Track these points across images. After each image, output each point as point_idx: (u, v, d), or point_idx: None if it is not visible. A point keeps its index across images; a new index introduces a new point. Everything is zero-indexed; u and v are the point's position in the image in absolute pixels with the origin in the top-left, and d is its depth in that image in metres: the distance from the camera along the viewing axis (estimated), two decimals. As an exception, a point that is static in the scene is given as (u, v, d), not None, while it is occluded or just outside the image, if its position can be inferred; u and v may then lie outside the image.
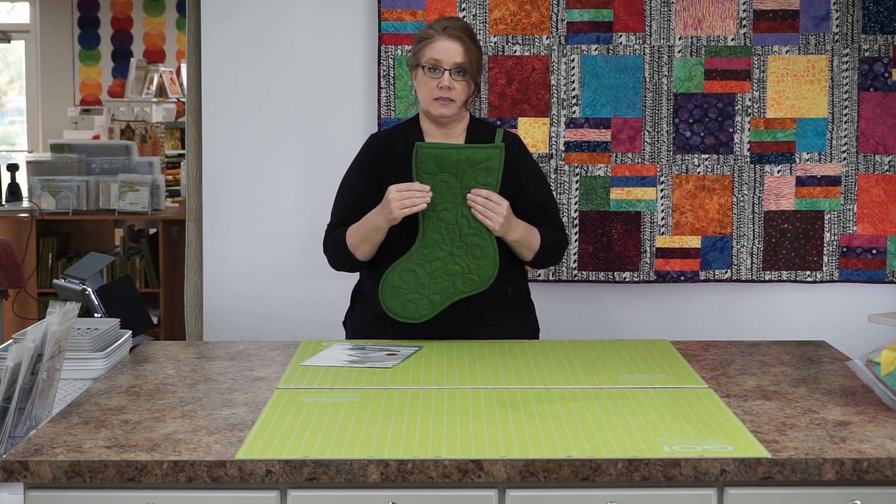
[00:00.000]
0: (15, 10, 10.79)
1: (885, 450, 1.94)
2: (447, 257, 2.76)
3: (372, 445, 1.95)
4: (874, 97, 3.69)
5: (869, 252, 3.73)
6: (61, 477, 1.89)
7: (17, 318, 5.53)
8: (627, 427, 2.06)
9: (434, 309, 2.77)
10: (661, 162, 3.71)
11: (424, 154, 2.72)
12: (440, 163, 2.71)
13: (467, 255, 2.76)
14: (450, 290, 2.77)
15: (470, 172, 2.72)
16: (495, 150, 2.73)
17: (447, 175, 2.72)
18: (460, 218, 2.75)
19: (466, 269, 2.77)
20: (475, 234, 2.75)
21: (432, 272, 2.77)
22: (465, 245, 2.76)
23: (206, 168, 3.82)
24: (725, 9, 3.67)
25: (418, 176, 2.72)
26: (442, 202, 2.74)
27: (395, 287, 2.77)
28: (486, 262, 2.77)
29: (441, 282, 2.77)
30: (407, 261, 2.78)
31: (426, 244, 2.77)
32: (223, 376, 2.47)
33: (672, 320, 3.80)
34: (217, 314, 3.84)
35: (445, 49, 2.78)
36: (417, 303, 2.77)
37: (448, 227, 2.75)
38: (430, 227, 2.76)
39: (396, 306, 2.78)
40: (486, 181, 2.73)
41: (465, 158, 2.72)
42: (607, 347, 2.73)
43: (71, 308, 2.22)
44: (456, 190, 2.73)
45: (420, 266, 2.77)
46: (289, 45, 3.78)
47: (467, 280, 2.77)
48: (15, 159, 8.52)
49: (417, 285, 2.77)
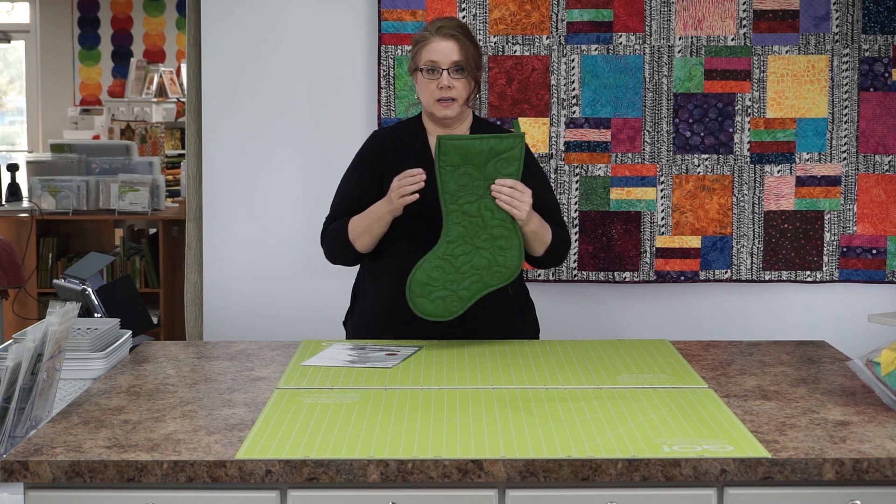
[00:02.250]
0: (15, 10, 10.79)
1: (885, 450, 1.94)
2: (473, 251, 2.71)
3: (372, 445, 1.95)
4: (874, 97, 3.69)
5: (869, 252, 3.73)
6: (61, 477, 1.89)
7: (17, 318, 5.53)
8: (627, 427, 2.06)
9: (463, 305, 2.72)
10: (661, 162, 3.71)
11: (448, 146, 2.66)
12: (464, 154, 2.66)
13: (493, 248, 2.71)
14: (478, 284, 2.72)
15: (492, 163, 2.67)
16: (517, 139, 2.69)
17: (470, 167, 2.67)
18: (484, 210, 2.69)
19: (493, 261, 2.71)
20: (500, 226, 2.70)
21: (459, 267, 2.71)
22: (490, 237, 2.71)
23: (206, 168, 3.82)
24: (725, 9, 3.67)
25: (441, 168, 2.67)
26: (464, 195, 2.69)
27: (424, 285, 2.70)
28: (512, 252, 2.72)
29: (469, 276, 2.71)
30: (433, 257, 2.72)
31: (451, 239, 2.71)
32: (223, 376, 2.47)
33: (672, 320, 3.80)
34: (217, 314, 3.84)
35: (441, 49, 2.79)
36: (447, 300, 2.71)
37: (472, 220, 2.70)
38: (454, 221, 2.70)
39: (426, 305, 2.71)
40: (508, 171, 2.68)
41: (488, 149, 2.67)
42: (607, 347, 2.73)
43: (71, 308, 2.22)
44: (478, 182, 2.68)
45: (447, 262, 2.71)
46: (289, 45, 3.78)
47: (494, 273, 2.72)
48: (15, 159, 8.53)
49: (446, 281, 2.70)
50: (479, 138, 2.68)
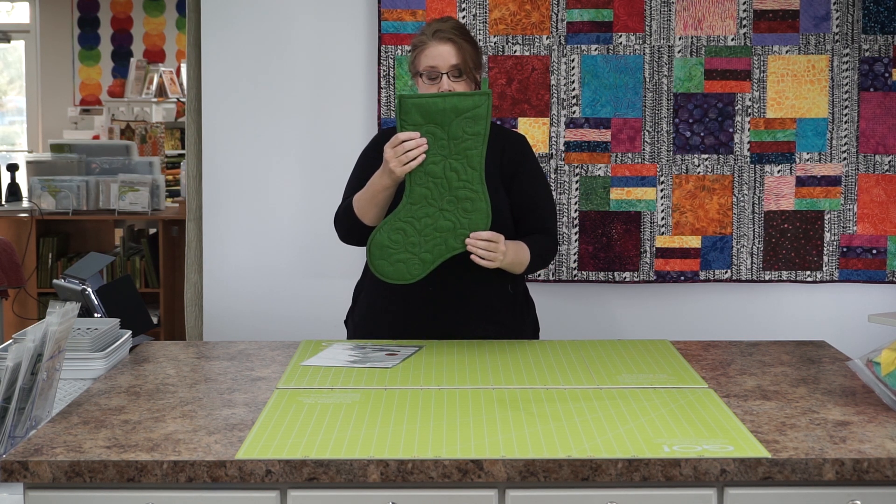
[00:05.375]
0: (15, 10, 10.79)
1: (885, 450, 1.94)
2: (437, 213, 2.64)
3: (372, 445, 1.95)
4: (874, 97, 3.69)
5: (869, 252, 3.73)
6: (61, 477, 1.89)
7: (17, 318, 5.53)
8: (627, 427, 2.06)
9: (426, 268, 2.67)
10: (661, 162, 3.71)
11: (409, 104, 2.60)
12: (425, 113, 2.60)
13: (458, 210, 2.65)
14: (441, 247, 2.66)
15: (457, 122, 2.61)
16: (482, 97, 2.62)
17: (433, 126, 2.61)
18: (448, 171, 2.63)
19: (458, 223, 2.65)
20: (465, 187, 2.64)
21: (422, 229, 2.65)
22: (455, 199, 2.64)
23: (206, 168, 3.82)
24: (725, 9, 3.67)
25: (403, 128, 2.61)
26: (429, 155, 2.62)
27: (384, 247, 2.66)
28: (479, 215, 2.65)
29: (432, 239, 2.65)
30: (394, 219, 2.66)
31: (414, 200, 2.64)
32: (223, 376, 2.47)
33: (672, 320, 3.80)
34: (217, 314, 3.84)
35: (438, 53, 2.78)
36: (408, 262, 2.66)
37: (436, 181, 2.63)
38: (417, 181, 2.64)
39: (386, 267, 2.67)
40: (475, 130, 2.62)
41: (451, 107, 2.61)
42: (607, 347, 2.73)
43: (71, 308, 2.22)
44: (443, 142, 2.62)
45: (409, 224, 2.65)
46: (289, 45, 3.78)
47: (459, 235, 2.65)
48: (15, 159, 8.53)
49: (407, 244, 2.65)
50: (442, 96, 2.62)
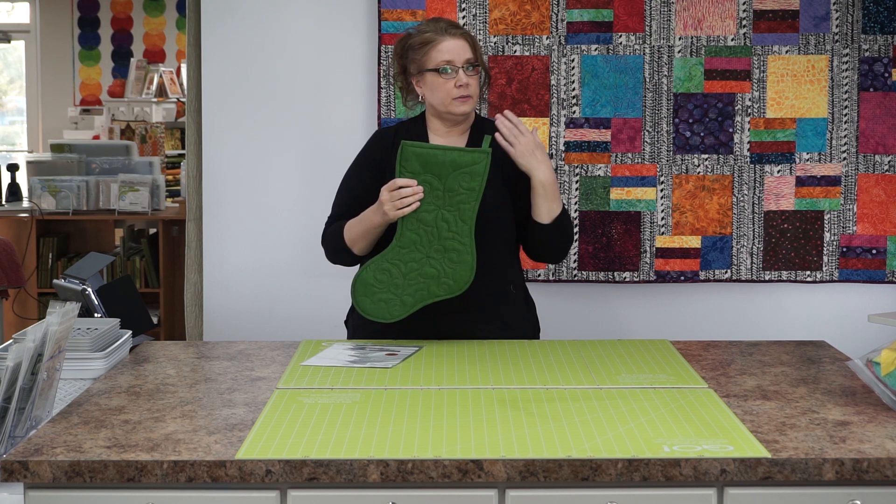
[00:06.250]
0: (15, 10, 10.79)
1: (885, 450, 1.94)
2: (423, 259, 2.71)
3: (372, 445, 1.95)
4: (874, 97, 3.69)
5: (869, 252, 3.73)
6: (61, 477, 1.89)
7: (17, 318, 5.53)
8: (627, 427, 2.06)
9: (406, 310, 2.72)
10: (661, 162, 3.71)
11: (409, 153, 2.67)
12: (424, 162, 2.67)
13: (444, 259, 2.70)
14: (423, 292, 2.72)
15: (454, 175, 2.67)
16: (482, 154, 2.69)
17: (430, 176, 2.68)
18: (440, 221, 2.69)
19: (442, 272, 2.71)
20: (454, 238, 2.70)
21: (407, 273, 2.71)
22: (442, 248, 2.70)
23: (206, 168, 3.82)
24: (725, 9, 3.67)
25: (402, 174, 2.68)
26: (423, 203, 2.68)
27: (368, 286, 2.72)
28: (463, 267, 2.71)
29: (415, 283, 2.71)
30: (382, 259, 2.73)
31: (403, 244, 2.71)
32: (223, 376, 2.47)
33: (672, 320, 3.80)
34: (217, 314, 3.84)
35: (453, 48, 2.81)
36: (389, 303, 2.72)
37: (427, 228, 2.70)
38: (408, 227, 2.70)
39: (368, 305, 2.73)
40: (470, 185, 2.68)
41: (450, 161, 2.67)
42: (607, 347, 2.73)
43: (71, 308, 2.22)
44: (438, 192, 2.68)
45: (395, 266, 2.71)
46: (289, 45, 3.78)
47: (442, 284, 2.71)
48: (15, 159, 8.52)
49: (391, 285, 2.71)
50: (443, 149, 2.69)
